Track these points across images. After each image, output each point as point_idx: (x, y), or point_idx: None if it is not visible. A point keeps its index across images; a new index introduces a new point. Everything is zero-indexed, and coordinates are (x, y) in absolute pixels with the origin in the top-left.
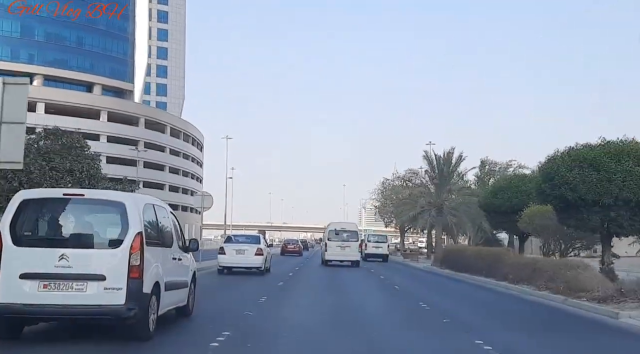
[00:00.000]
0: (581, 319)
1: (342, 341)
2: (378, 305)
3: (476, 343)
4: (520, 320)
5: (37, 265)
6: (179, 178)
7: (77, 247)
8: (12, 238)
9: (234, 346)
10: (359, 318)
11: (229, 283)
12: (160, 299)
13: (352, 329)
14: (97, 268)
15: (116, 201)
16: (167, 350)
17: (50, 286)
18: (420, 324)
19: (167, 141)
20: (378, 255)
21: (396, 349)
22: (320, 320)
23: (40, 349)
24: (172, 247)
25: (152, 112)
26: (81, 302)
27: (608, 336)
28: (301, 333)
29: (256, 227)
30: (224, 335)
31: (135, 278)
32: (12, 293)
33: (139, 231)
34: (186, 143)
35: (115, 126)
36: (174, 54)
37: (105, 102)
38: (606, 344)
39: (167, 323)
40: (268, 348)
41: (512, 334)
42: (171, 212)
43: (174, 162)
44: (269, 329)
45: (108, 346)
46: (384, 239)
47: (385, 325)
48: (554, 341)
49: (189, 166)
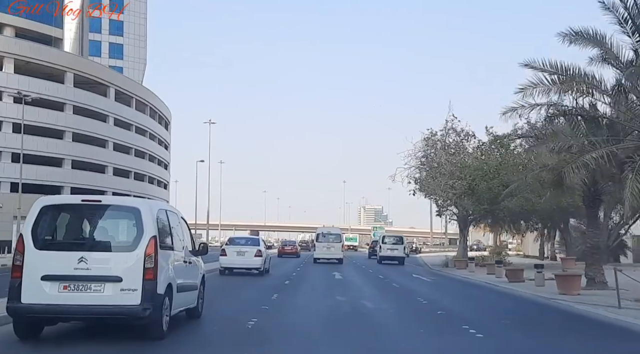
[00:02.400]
0: None
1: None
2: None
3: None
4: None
5: (58, 267)
6: (129, 159)
7: (95, 250)
8: (33, 242)
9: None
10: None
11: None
12: (172, 300)
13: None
14: (114, 270)
15: (132, 206)
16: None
17: (70, 287)
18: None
19: (111, 108)
20: (394, 257)
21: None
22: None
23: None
24: (183, 251)
25: (84, 65)
26: (99, 302)
27: None
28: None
29: (248, 227)
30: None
31: (149, 280)
32: (34, 294)
33: (153, 235)
34: (141, 114)
35: (28, 81)
36: (133, 6)
37: (14, 47)
38: None
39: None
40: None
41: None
42: (182, 217)
43: (121, 137)
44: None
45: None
46: (400, 240)
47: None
48: None
49: (146, 145)
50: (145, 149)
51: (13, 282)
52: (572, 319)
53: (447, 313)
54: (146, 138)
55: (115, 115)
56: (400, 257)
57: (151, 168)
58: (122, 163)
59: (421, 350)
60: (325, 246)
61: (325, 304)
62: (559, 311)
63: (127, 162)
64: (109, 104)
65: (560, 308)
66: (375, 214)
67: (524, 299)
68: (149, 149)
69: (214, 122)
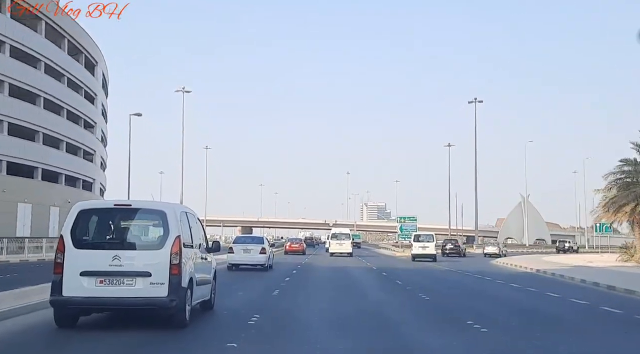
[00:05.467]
0: None
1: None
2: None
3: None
4: None
5: (94, 264)
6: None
7: (127, 249)
8: (72, 242)
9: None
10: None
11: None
12: (193, 293)
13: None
14: (144, 266)
15: (158, 210)
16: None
17: (106, 282)
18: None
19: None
20: (426, 255)
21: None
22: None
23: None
24: (200, 248)
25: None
26: (131, 295)
27: None
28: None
29: (238, 223)
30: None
31: (175, 275)
32: (74, 288)
33: (178, 235)
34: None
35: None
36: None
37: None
38: None
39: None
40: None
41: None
42: (198, 218)
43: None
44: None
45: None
46: (431, 238)
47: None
48: None
49: (64, 96)
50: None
51: (55, 277)
52: None
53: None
54: (62, 85)
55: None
56: (432, 255)
57: (62, 127)
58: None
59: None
60: (338, 243)
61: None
62: None
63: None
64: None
65: None
66: (378, 211)
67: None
68: (65, 102)
69: (188, 91)
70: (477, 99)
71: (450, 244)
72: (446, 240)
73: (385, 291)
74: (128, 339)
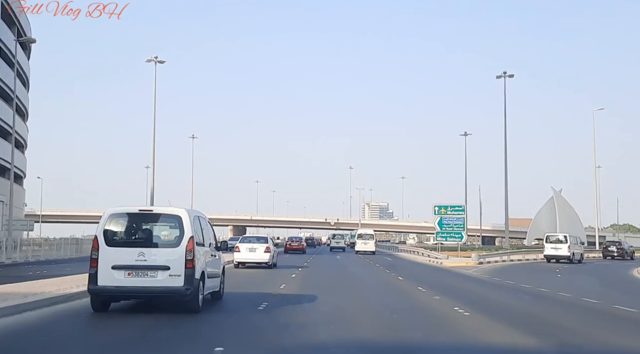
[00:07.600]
0: None
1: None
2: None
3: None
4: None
5: (123, 259)
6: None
7: (150, 247)
8: (105, 241)
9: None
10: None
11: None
12: (204, 284)
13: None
14: (164, 261)
15: (175, 214)
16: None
17: (133, 274)
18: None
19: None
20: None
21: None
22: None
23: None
24: (210, 246)
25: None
26: (154, 285)
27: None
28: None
29: (229, 221)
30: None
31: (190, 268)
32: (107, 279)
33: (192, 235)
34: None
35: None
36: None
37: None
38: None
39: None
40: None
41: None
42: (208, 221)
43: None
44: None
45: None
46: (564, 238)
47: None
48: None
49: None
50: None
51: (91, 270)
52: None
53: None
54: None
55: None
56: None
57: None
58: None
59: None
60: (363, 242)
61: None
62: None
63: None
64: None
65: None
66: (380, 211)
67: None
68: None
69: (162, 61)
70: (507, 74)
71: (613, 246)
72: (608, 242)
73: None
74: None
